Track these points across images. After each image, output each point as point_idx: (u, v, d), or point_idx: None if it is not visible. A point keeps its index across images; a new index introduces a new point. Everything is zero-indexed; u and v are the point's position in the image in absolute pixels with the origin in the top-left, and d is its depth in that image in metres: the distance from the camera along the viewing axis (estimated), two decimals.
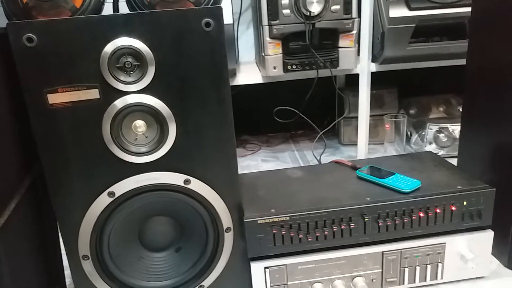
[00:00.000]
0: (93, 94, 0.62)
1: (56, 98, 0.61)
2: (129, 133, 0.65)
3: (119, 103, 0.62)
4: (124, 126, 0.65)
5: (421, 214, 0.74)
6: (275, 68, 1.19)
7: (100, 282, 0.69)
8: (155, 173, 0.66)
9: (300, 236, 0.73)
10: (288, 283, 0.75)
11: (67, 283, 0.84)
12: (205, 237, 0.73)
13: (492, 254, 0.79)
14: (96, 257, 0.68)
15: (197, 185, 0.69)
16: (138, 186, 0.66)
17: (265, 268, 0.74)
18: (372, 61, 1.25)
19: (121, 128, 0.64)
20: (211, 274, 0.74)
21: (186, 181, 0.68)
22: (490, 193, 0.74)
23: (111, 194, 0.65)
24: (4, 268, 0.55)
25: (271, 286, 0.75)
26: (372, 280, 0.77)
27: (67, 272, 0.72)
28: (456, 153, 0.97)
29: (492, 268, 0.82)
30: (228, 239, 0.73)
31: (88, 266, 0.68)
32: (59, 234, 0.69)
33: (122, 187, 0.65)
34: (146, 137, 0.65)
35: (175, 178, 0.67)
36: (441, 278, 0.78)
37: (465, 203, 0.74)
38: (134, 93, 0.62)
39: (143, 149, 0.65)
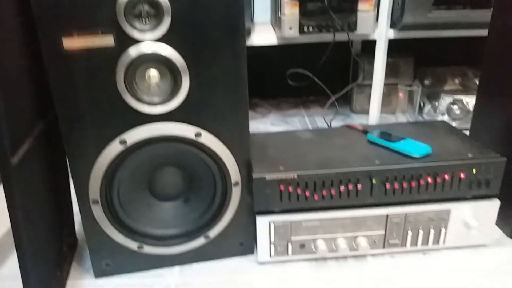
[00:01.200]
0: (108, 40, 0.61)
1: (71, 43, 0.61)
2: (142, 83, 0.65)
3: (134, 51, 0.62)
4: (138, 75, 0.64)
5: (429, 180, 0.74)
6: (290, 28, 1.16)
7: (108, 227, 0.71)
8: (167, 124, 0.67)
9: (307, 194, 0.74)
10: (292, 238, 0.77)
11: (76, 228, 0.87)
12: (213, 190, 0.74)
13: (496, 224, 0.80)
14: (105, 202, 0.70)
15: (208, 139, 0.69)
16: (149, 136, 0.66)
17: (270, 222, 0.75)
18: (391, 27, 1.22)
19: (135, 77, 0.64)
20: (217, 225, 0.76)
21: (197, 134, 0.68)
22: (501, 163, 0.74)
23: (123, 142, 0.66)
24: (18, 209, 0.57)
25: (274, 240, 0.76)
26: (375, 241, 0.78)
27: (77, 218, 0.74)
28: (468, 126, 0.96)
29: (494, 237, 0.83)
30: (236, 193, 0.75)
31: (97, 211, 0.70)
32: (70, 180, 0.70)
33: (134, 135, 0.66)
34: (160, 87, 0.65)
35: (186, 131, 0.68)
36: (443, 243, 0.79)
37: (474, 171, 0.74)
38: (149, 41, 0.62)
39: (156, 99, 0.65)
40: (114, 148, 0.66)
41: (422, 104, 1.42)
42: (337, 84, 1.52)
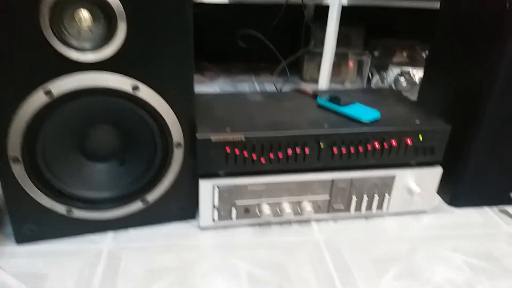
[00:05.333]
0: None
1: None
2: (72, 26, 0.57)
3: None
4: (67, 17, 0.57)
5: (377, 145, 0.73)
6: None
7: (32, 188, 0.64)
8: (99, 74, 0.59)
9: (254, 157, 0.70)
10: (236, 202, 0.73)
11: None
12: (153, 151, 0.69)
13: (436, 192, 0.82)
14: (28, 161, 0.62)
15: (146, 93, 0.63)
16: (79, 86, 0.59)
17: (214, 186, 0.71)
18: None
19: (63, 19, 0.56)
20: (157, 189, 0.71)
21: (135, 88, 0.62)
22: (446, 130, 0.75)
23: (48, 92, 0.58)
24: None
25: (218, 203, 0.73)
26: (319, 206, 0.77)
27: None
28: (414, 97, 0.97)
29: (434, 204, 0.85)
30: (178, 155, 0.70)
31: (18, 170, 0.62)
32: None
33: (61, 86, 0.58)
34: (92, 31, 0.58)
35: (122, 83, 0.61)
36: (387, 209, 0.80)
37: (421, 137, 0.74)
38: None
39: (87, 45, 0.58)
40: (37, 99, 0.58)
41: (370, 75, 1.42)
42: (287, 51, 1.49)
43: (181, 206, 0.75)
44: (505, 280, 0.67)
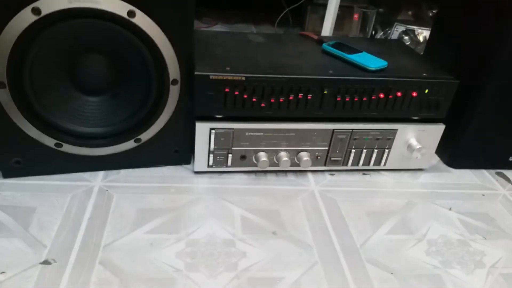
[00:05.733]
0: None
1: None
2: None
3: None
4: None
5: (382, 95, 0.70)
6: None
7: (18, 116, 0.60)
8: None
9: (253, 100, 0.67)
10: (233, 148, 0.71)
11: None
12: (148, 86, 0.65)
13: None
14: (14, 86, 0.58)
15: (143, 21, 0.58)
16: (70, 6, 0.54)
17: (211, 129, 0.68)
18: None
19: None
20: (151, 128, 0.67)
21: (130, 13, 0.57)
22: (453, 85, 0.72)
23: (36, 10, 0.53)
24: None
25: (214, 148, 0.70)
26: (317, 157, 0.75)
27: None
28: None
29: (432, 162, 0.84)
30: (174, 92, 0.66)
31: (3, 95, 0.58)
32: None
33: (50, 4, 0.53)
34: None
35: (116, 6, 0.56)
36: (384, 164, 0.78)
37: (427, 91, 0.71)
38: None
39: None
40: (24, 18, 0.53)
41: (373, 31, 1.37)
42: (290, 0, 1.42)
43: (176, 149, 0.72)
44: (499, 240, 0.67)
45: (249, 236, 0.62)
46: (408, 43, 1.32)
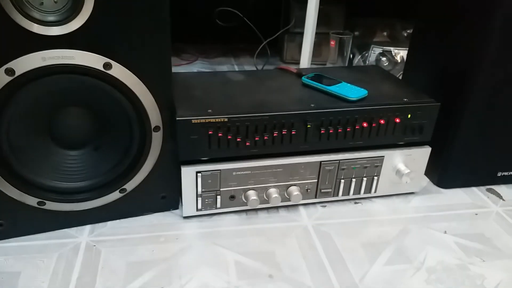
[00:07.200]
0: None
1: None
2: None
3: None
4: None
5: (365, 124, 0.70)
6: None
7: None
8: (67, 50, 0.54)
9: (238, 140, 0.66)
10: (221, 189, 0.69)
11: None
12: (129, 136, 0.64)
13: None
14: None
15: (120, 72, 0.58)
16: (45, 64, 0.53)
17: (197, 172, 0.67)
18: None
19: None
20: (135, 177, 0.66)
21: (107, 65, 0.56)
22: (435, 108, 0.72)
23: (9, 71, 0.52)
24: None
25: (202, 191, 0.69)
26: (307, 190, 0.74)
27: None
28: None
29: (422, 185, 0.84)
30: (156, 139, 0.65)
31: None
32: None
33: (24, 64, 0.53)
34: (56, 2, 0.52)
35: (92, 60, 0.55)
36: (375, 192, 0.78)
37: (409, 116, 0.72)
38: None
39: (51, 18, 0.52)
40: None
41: (351, 56, 1.39)
42: (267, 31, 1.44)
43: (163, 195, 0.71)
44: (497, 261, 0.66)
45: (244, 282, 0.60)
46: (386, 64, 1.34)
